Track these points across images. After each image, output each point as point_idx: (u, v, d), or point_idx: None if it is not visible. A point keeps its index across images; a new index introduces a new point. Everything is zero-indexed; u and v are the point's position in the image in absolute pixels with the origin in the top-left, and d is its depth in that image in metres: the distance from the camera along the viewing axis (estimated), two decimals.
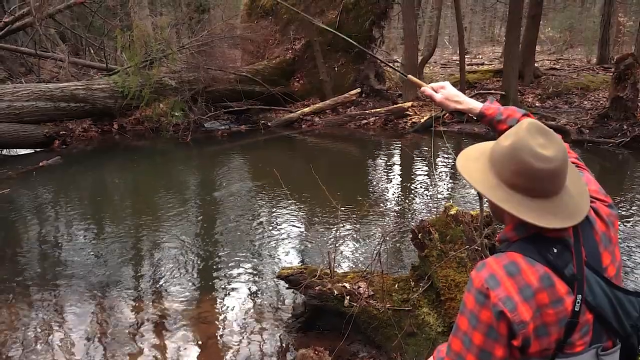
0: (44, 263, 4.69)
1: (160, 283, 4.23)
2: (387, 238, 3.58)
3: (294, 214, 5.76)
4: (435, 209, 5.34)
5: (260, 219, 5.66)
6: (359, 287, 3.43)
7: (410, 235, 3.50)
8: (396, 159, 8.84)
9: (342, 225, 5.15)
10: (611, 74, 9.65)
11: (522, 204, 1.22)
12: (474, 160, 1.34)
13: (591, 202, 1.30)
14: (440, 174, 7.62)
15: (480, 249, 3.19)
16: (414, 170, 7.38)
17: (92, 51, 13.25)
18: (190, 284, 4.22)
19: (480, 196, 3.17)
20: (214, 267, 4.53)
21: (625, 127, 8.43)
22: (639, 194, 6.44)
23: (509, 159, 1.23)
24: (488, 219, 3.41)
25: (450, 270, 3.21)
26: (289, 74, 12.58)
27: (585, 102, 11.86)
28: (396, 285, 3.44)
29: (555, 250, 1.20)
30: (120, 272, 4.44)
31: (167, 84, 9.98)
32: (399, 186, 7.02)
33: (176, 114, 9.76)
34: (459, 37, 12.03)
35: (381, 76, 12.74)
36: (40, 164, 7.89)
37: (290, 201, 6.05)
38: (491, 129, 1.75)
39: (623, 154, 8.10)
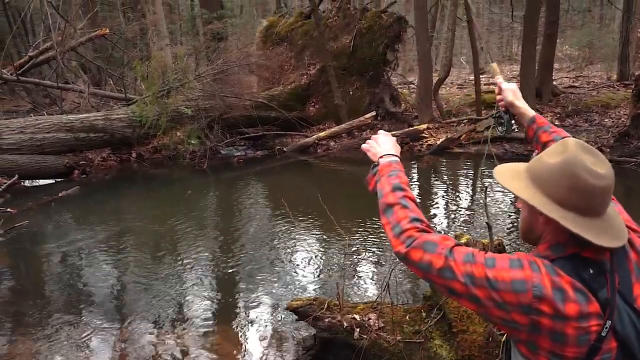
0: (63, 295, 4.75)
1: (177, 314, 4.25)
2: (396, 268, 3.49)
3: (307, 242, 5.72)
4: (451, 236, 5.24)
5: (274, 249, 5.63)
6: (369, 318, 3.35)
7: None
8: (412, 183, 8.75)
9: (353, 254, 5.08)
10: (631, 90, 9.46)
11: (576, 221, 1.19)
12: (515, 179, 1.31)
13: None
14: (458, 199, 7.51)
15: None
16: (429, 194, 7.29)
17: (111, 82, 13.56)
18: (204, 315, 4.21)
19: (489, 226, 3.08)
20: (228, 297, 4.53)
21: None
22: None
23: (561, 176, 1.21)
24: (500, 247, 3.32)
25: None
26: (305, 99, 12.67)
27: (606, 120, 11.62)
28: (407, 317, 3.36)
29: (591, 272, 1.18)
30: (138, 302, 4.48)
31: (183, 112, 10.12)
32: None
33: (192, 141, 9.87)
34: (473, 58, 11.99)
35: (396, 99, 12.73)
36: (60, 194, 8.02)
37: (303, 229, 6.02)
38: (532, 139, 1.76)
39: None
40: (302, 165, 10.46)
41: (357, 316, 3.36)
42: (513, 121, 1.89)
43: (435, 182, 8.48)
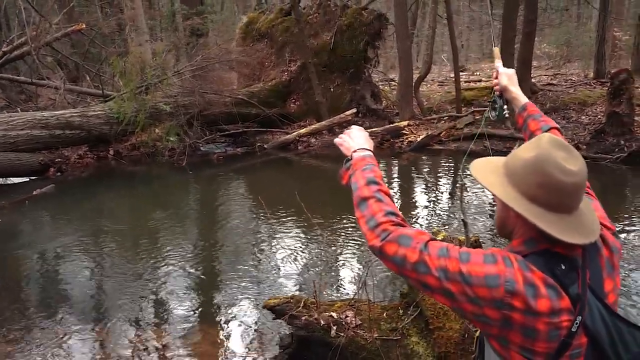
0: (37, 295, 4.67)
1: (154, 313, 4.20)
2: (373, 265, 3.48)
3: (286, 240, 5.69)
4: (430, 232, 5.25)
5: (253, 247, 5.59)
6: (346, 316, 3.33)
7: None
8: (391, 179, 8.77)
9: (331, 251, 5.07)
10: (607, 88, 9.60)
11: (544, 217, 1.19)
12: (490, 172, 1.31)
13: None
14: (436, 196, 7.55)
15: None
16: (409, 191, 7.31)
17: (88, 78, 13.33)
18: (182, 314, 4.15)
19: (465, 223, 3.09)
20: (206, 296, 4.48)
21: (622, 142, 8.35)
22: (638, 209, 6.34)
23: (532, 171, 1.21)
24: (476, 244, 3.32)
25: None
26: (285, 96, 12.61)
27: (583, 117, 11.78)
28: (384, 314, 3.35)
29: (563, 267, 1.19)
30: (115, 301, 4.41)
31: (162, 108, 9.99)
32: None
33: (171, 138, 9.75)
34: (453, 56, 12.05)
35: (377, 96, 12.75)
36: (34, 192, 7.84)
37: (282, 227, 5.99)
38: (522, 127, 1.79)
39: (621, 170, 7.99)
40: (282, 162, 10.41)
41: (334, 314, 3.34)
42: (505, 106, 1.90)
43: (415, 179, 8.51)
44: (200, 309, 4.24)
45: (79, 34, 13.09)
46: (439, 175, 8.85)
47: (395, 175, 9.05)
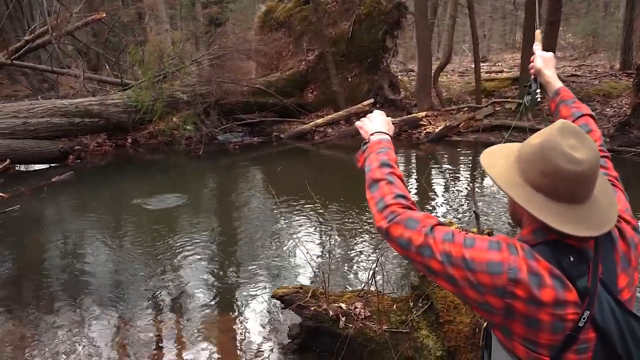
0: (54, 281, 4.70)
1: (168, 300, 4.21)
2: (385, 255, 3.42)
3: (299, 229, 5.65)
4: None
5: (265, 236, 5.56)
6: (355, 307, 3.29)
7: None
8: (407, 170, 8.66)
9: (343, 242, 5.02)
10: (633, 80, 9.32)
11: (545, 206, 1.15)
12: (502, 157, 1.27)
13: (617, 221, 1.22)
14: (453, 187, 7.43)
15: None
16: (425, 182, 7.19)
17: (108, 67, 13.44)
18: (193, 301, 4.17)
19: (476, 215, 3.01)
20: (219, 284, 4.48)
21: None
22: None
23: (537, 158, 1.17)
24: (490, 236, 3.24)
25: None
26: (303, 86, 12.54)
27: (607, 109, 11.48)
28: (394, 306, 3.29)
29: (571, 259, 1.14)
30: (129, 288, 4.44)
31: (179, 97, 10.02)
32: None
33: (188, 127, 9.78)
34: (473, 46, 11.82)
35: (395, 86, 12.59)
36: (53, 179, 7.95)
37: (295, 216, 5.96)
38: (554, 112, 1.71)
39: None
40: (298, 151, 10.37)
41: (343, 305, 3.30)
42: (538, 90, 1.84)
43: (432, 170, 8.39)
44: (213, 297, 4.24)
45: (99, 22, 13.23)
46: (455, 166, 8.71)
47: (412, 166, 8.93)
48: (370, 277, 3.31)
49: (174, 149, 10.08)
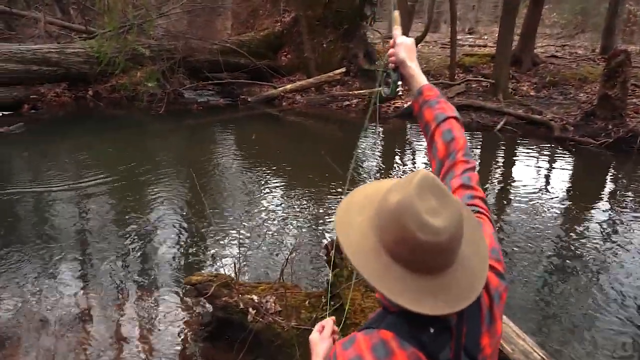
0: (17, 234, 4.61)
1: (87, 276, 4.10)
2: (298, 250, 3.35)
3: (237, 211, 5.41)
4: None
5: (202, 214, 5.20)
6: (267, 301, 3.23)
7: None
8: (367, 147, 8.48)
9: (278, 227, 4.90)
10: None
11: (399, 279, 0.98)
12: (359, 210, 1.06)
13: None
14: (405, 167, 7.35)
15: None
16: (381, 163, 7.09)
17: (78, 13, 12.85)
18: (111, 278, 4.04)
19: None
20: (137, 262, 4.33)
21: (610, 127, 8.05)
22: (618, 198, 6.18)
23: (392, 222, 0.98)
24: None
25: (357, 293, 3.00)
26: (277, 48, 12.18)
27: (581, 95, 11.42)
28: (307, 302, 3.23)
29: (432, 331, 1.00)
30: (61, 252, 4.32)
31: (140, 52, 9.63)
32: (361, 181, 6.73)
33: (149, 84, 9.44)
34: (451, 20, 11.54)
35: (371, 56, 12.28)
36: (0, 130, 7.66)
37: (246, 194, 5.81)
38: (418, 114, 1.49)
39: (605, 155, 7.74)
40: (264, 117, 10.10)
41: (255, 297, 3.23)
42: (400, 83, 1.58)
43: (392, 149, 8.28)
44: (130, 276, 4.11)
45: None
46: (413, 145, 8.60)
47: (373, 144, 8.77)
48: (283, 268, 3.24)
49: (136, 105, 9.76)
